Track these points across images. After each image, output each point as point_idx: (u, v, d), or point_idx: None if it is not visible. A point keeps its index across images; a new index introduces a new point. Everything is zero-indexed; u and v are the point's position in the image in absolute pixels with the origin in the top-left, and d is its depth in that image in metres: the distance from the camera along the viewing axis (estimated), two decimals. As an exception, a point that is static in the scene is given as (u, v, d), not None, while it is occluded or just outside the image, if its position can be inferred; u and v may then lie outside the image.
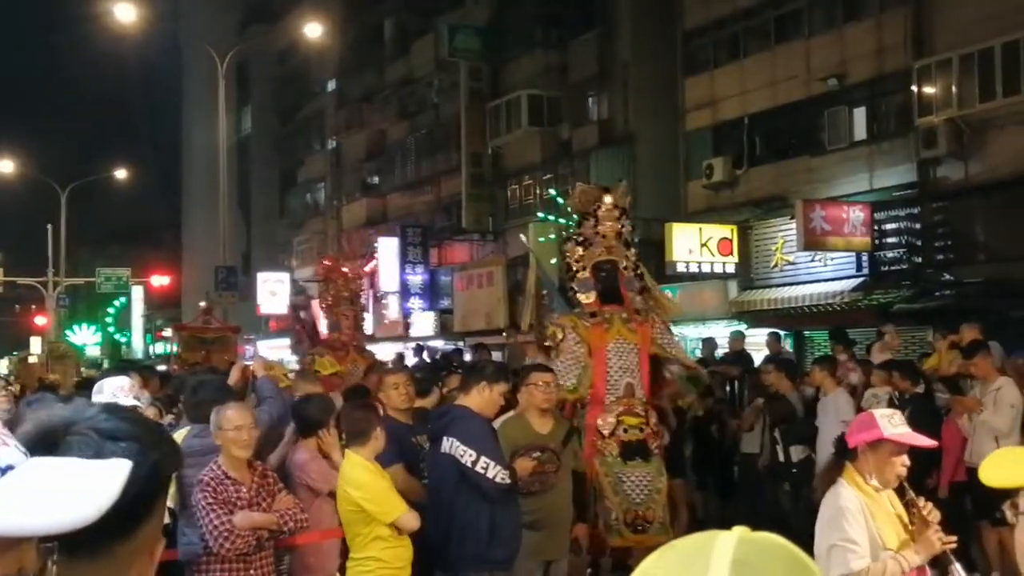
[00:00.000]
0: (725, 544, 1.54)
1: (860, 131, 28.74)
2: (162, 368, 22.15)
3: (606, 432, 11.11)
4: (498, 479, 8.26)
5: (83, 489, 1.61)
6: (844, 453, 5.90)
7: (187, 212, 74.50)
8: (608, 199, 12.07)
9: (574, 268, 11.94)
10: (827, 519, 5.68)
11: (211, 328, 24.35)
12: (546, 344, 12.05)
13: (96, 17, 40.49)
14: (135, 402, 8.20)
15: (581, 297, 11.84)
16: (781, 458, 14.54)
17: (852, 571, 5.40)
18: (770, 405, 14.85)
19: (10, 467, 1.63)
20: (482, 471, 8.23)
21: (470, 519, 8.31)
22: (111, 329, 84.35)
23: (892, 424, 5.71)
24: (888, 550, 5.58)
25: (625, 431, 11.13)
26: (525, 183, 41.45)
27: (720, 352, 21.14)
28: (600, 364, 11.35)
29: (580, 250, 11.94)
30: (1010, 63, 23.90)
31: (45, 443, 1.85)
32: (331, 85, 58.16)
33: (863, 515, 5.49)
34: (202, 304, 27.93)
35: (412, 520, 7.93)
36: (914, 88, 26.10)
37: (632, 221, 12.79)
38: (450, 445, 8.36)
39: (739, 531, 1.59)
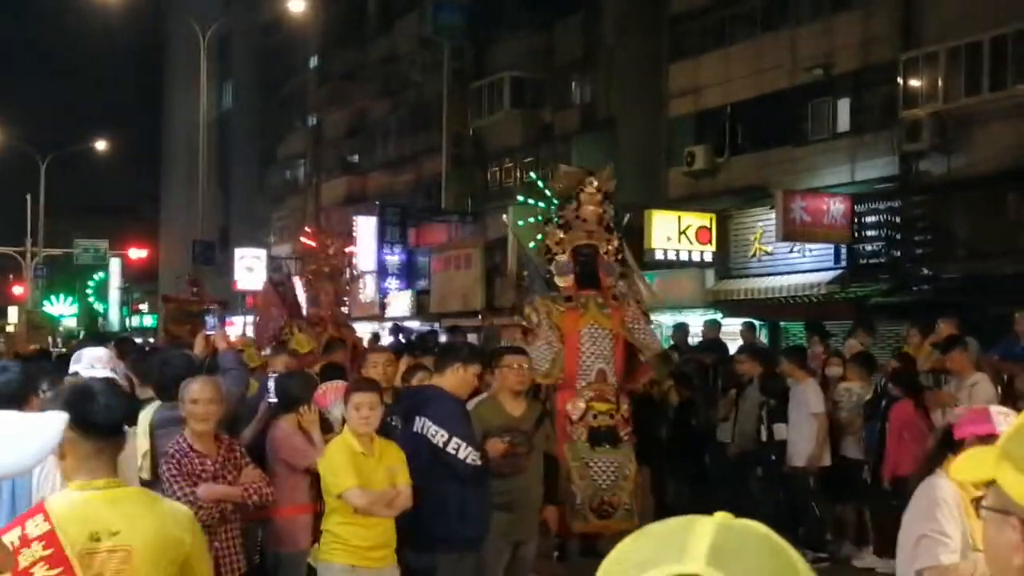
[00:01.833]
0: (703, 529, 1.50)
1: (844, 122, 28.73)
2: (150, 340, 22.00)
3: (575, 417, 11.10)
4: (470, 460, 8.29)
5: (25, 438, 1.70)
6: (948, 444, 5.64)
7: (166, 185, 74.46)
8: (592, 182, 11.99)
9: (553, 251, 11.85)
10: (920, 508, 5.43)
11: (198, 301, 24.19)
12: (524, 326, 11.99)
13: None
14: (111, 373, 8.23)
15: (558, 280, 11.75)
16: (763, 437, 14.50)
17: (940, 564, 5.19)
18: (765, 382, 14.82)
19: None
20: (454, 452, 8.26)
21: (440, 499, 8.30)
22: (91, 300, 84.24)
23: (1007, 422, 5.48)
24: (979, 551, 5.37)
25: (595, 417, 11.11)
26: (506, 165, 41.48)
27: (695, 340, 21.14)
28: (572, 349, 11.31)
29: (560, 233, 11.87)
30: (998, 57, 23.82)
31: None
32: (313, 61, 58.14)
33: (959, 510, 5.28)
34: (188, 276, 27.72)
35: (357, 497, 7.74)
36: (900, 80, 26.05)
37: (614, 206, 12.66)
38: (422, 425, 8.37)
39: (719, 517, 1.54)
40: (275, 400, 9.45)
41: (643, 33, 34.80)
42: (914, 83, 25.73)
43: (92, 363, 8.50)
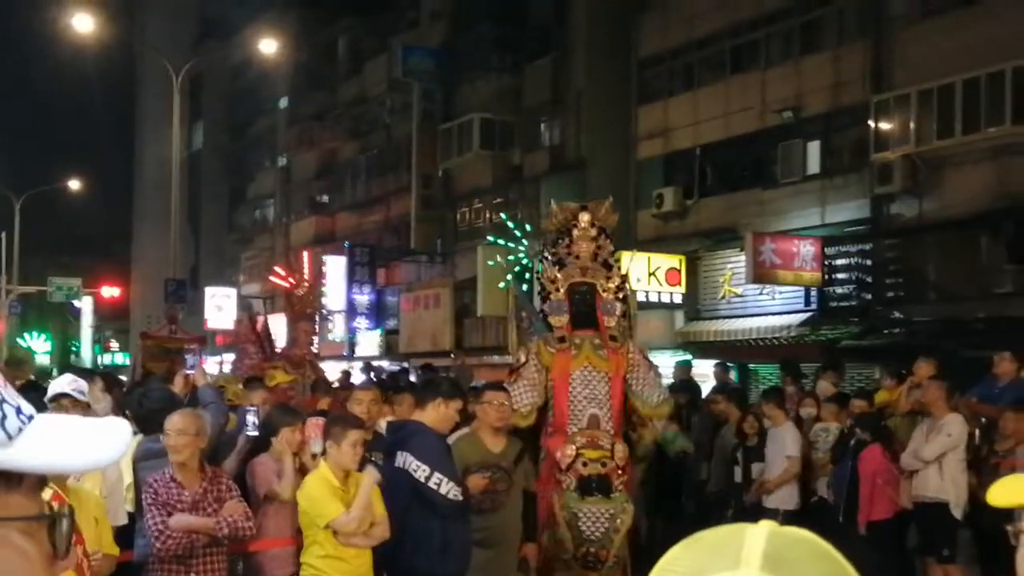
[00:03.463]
0: (755, 537, 1.51)
1: (814, 165, 28.79)
2: (122, 377, 21.89)
3: (564, 464, 10.55)
4: (451, 495, 8.32)
5: (99, 438, 1.79)
6: None
7: (138, 224, 74.46)
8: (585, 217, 11.46)
9: (548, 289, 11.37)
10: None
11: (176, 338, 24.05)
12: (511, 365, 11.46)
13: (53, 28, 40.48)
14: (84, 397, 8.62)
15: (552, 320, 11.21)
16: (738, 478, 14.50)
17: None
18: (740, 423, 14.85)
19: (31, 416, 1.76)
20: (435, 487, 8.29)
21: (421, 534, 8.32)
22: (72, 340, 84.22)
23: None
24: None
25: (584, 464, 10.49)
26: (475, 206, 41.54)
27: (665, 381, 21.12)
28: (562, 392, 10.79)
29: (556, 270, 11.32)
30: (970, 101, 23.82)
31: None
32: (283, 102, 58.35)
33: None
34: (167, 313, 27.57)
35: (348, 522, 7.81)
36: (871, 123, 26.13)
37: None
38: (404, 460, 8.39)
39: (767, 524, 1.55)
40: (254, 433, 9.49)
41: (612, 76, 34.94)
42: (885, 126, 25.81)
43: (68, 383, 8.74)
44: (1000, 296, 23.31)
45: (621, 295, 11.50)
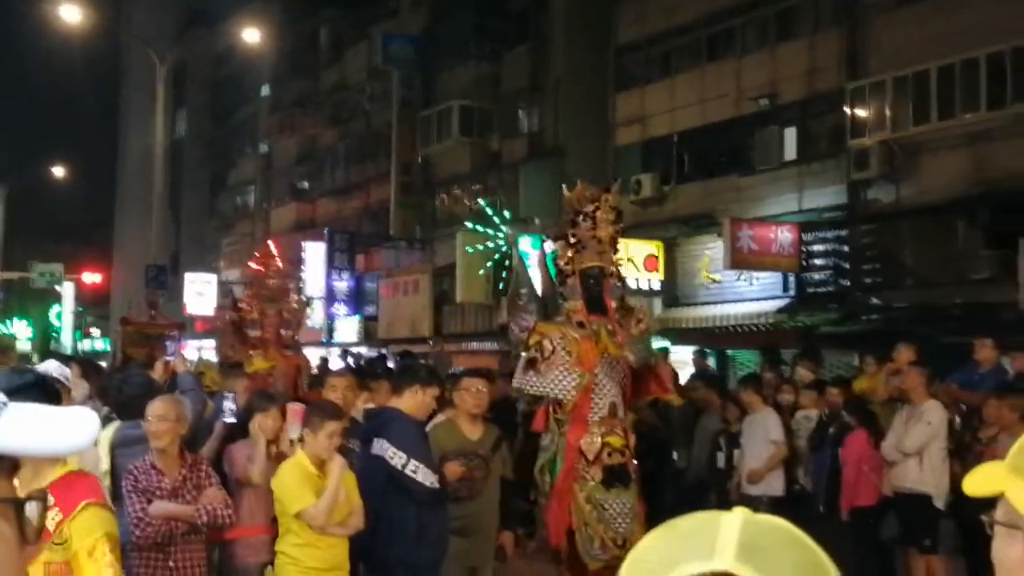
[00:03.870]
0: (730, 525, 1.51)
1: (790, 151, 28.86)
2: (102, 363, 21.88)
3: (591, 456, 10.26)
4: (428, 483, 8.28)
5: (67, 426, 1.87)
6: None
7: (120, 211, 74.22)
8: (610, 200, 11.01)
9: (565, 272, 10.93)
10: None
11: (156, 324, 24.02)
12: (527, 356, 10.68)
13: (40, 18, 40.40)
14: (71, 384, 8.47)
15: (569, 305, 10.81)
16: (721, 464, 14.52)
17: None
18: (725, 409, 14.91)
19: (5, 403, 1.82)
20: (412, 474, 8.23)
21: (398, 521, 8.28)
22: (55, 323, 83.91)
23: None
24: None
25: (609, 455, 10.26)
26: (454, 193, 41.50)
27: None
28: (589, 381, 10.41)
29: (571, 253, 10.86)
30: (945, 87, 23.93)
31: None
32: (265, 90, 58.24)
33: None
34: (147, 299, 27.49)
35: (319, 512, 7.76)
36: (847, 109, 26.24)
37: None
38: (381, 447, 8.34)
39: (741, 512, 1.55)
40: (231, 420, 9.52)
41: (590, 63, 34.97)
42: (861, 112, 25.89)
43: (51, 367, 8.72)
44: (977, 282, 23.32)
45: (621, 278, 11.30)
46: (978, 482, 2.04)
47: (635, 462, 10.59)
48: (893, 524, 12.68)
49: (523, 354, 10.63)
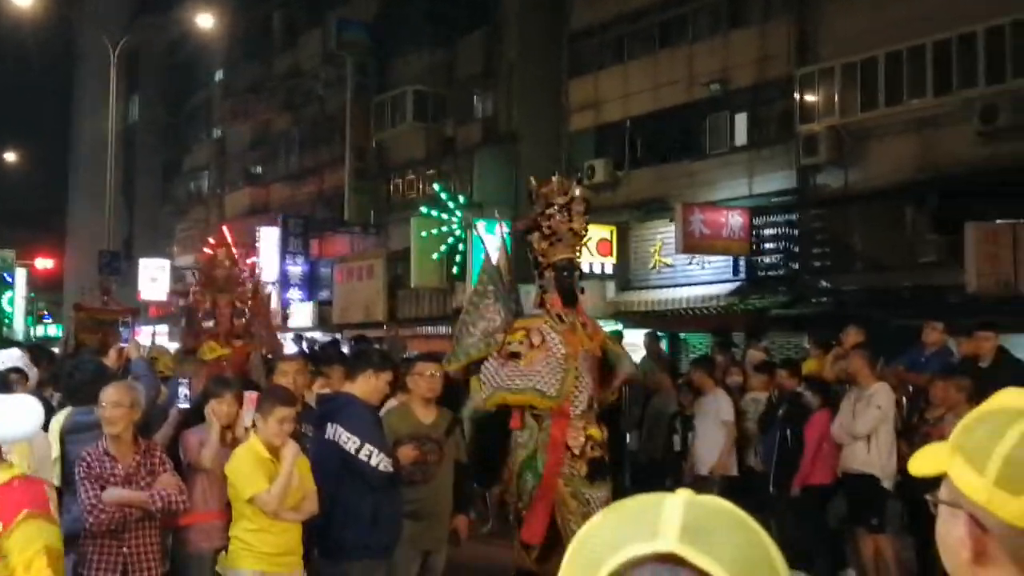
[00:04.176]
0: (673, 507, 1.52)
1: (741, 137, 29.05)
2: (54, 350, 21.75)
3: (577, 451, 10.23)
4: (381, 467, 8.27)
5: (13, 412, 1.84)
6: None
7: (73, 197, 73.66)
8: (578, 192, 11.03)
9: (541, 264, 10.81)
10: None
11: (109, 310, 23.80)
12: (510, 349, 10.54)
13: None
14: (26, 369, 8.67)
15: (547, 298, 10.72)
16: (677, 447, 14.64)
17: None
18: (679, 392, 15.06)
19: None
20: (365, 458, 8.23)
21: (352, 506, 8.29)
22: (6, 308, 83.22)
23: None
24: None
25: (592, 448, 10.26)
26: (408, 178, 41.48)
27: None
28: (571, 374, 10.37)
29: (546, 245, 10.78)
30: (893, 73, 24.18)
31: None
32: (219, 75, 57.87)
33: None
34: (100, 285, 27.24)
35: (272, 498, 7.76)
36: (796, 95, 26.47)
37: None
38: (334, 432, 8.35)
39: (684, 493, 1.57)
40: (185, 406, 9.47)
41: (544, 49, 34.98)
42: (810, 98, 26.11)
43: (4, 360, 8.69)
44: (924, 265, 23.54)
45: (579, 272, 11.12)
46: (922, 462, 2.10)
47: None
48: (842, 504, 12.89)
49: (502, 349, 10.51)
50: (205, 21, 39.42)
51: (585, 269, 28.15)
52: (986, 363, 13.07)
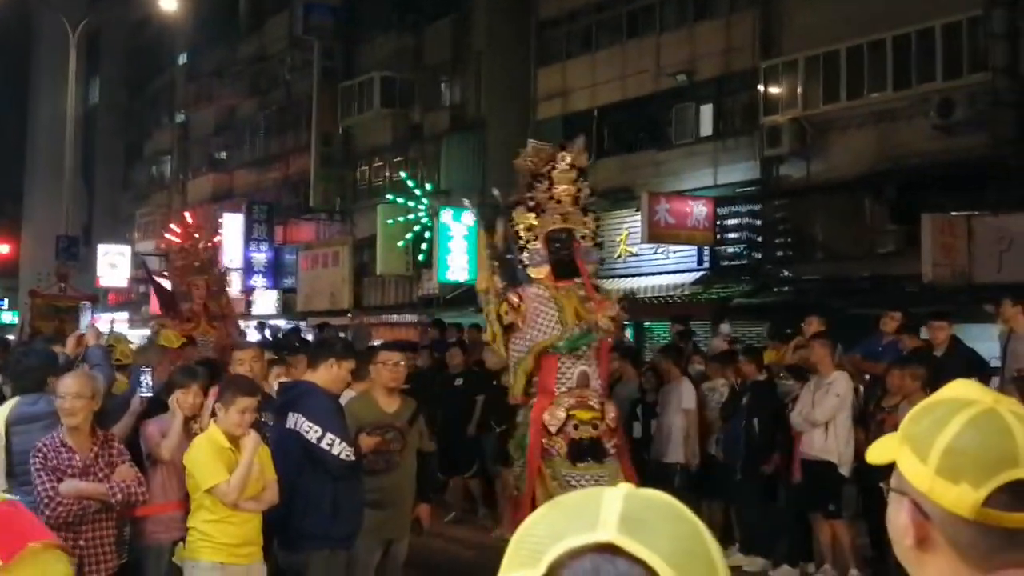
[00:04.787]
0: (612, 499, 1.53)
1: (706, 127, 29.26)
2: (10, 337, 21.60)
3: (553, 429, 9.96)
4: (343, 456, 8.17)
5: None
6: None
7: (30, 181, 73.18)
8: (566, 157, 10.64)
9: (524, 238, 10.48)
10: None
11: (66, 296, 23.60)
12: (507, 321, 10.37)
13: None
14: None
15: (532, 271, 10.43)
16: (638, 433, 14.70)
17: None
18: (642, 379, 15.16)
19: None
20: (327, 447, 8.14)
21: (313, 495, 8.23)
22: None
23: None
24: None
25: (576, 427, 9.96)
26: (375, 165, 41.43)
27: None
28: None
29: (532, 217, 10.46)
30: (854, 67, 24.52)
31: None
32: (182, 58, 57.53)
33: None
34: (57, 271, 27.02)
35: (230, 490, 7.67)
36: (760, 87, 26.70)
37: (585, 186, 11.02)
38: (295, 421, 8.26)
39: (625, 487, 1.58)
40: (148, 394, 9.29)
41: (512, 37, 35.01)
42: (774, 90, 26.37)
43: None
44: (883, 255, 23.85)
45: (597, 241, 10.92)
46: (877, 451, 2.17)
47: (612, 434, 10.29)
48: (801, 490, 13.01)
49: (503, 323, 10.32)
50: (169, 3, 39.16)
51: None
52: (940, 352, 13.22)
